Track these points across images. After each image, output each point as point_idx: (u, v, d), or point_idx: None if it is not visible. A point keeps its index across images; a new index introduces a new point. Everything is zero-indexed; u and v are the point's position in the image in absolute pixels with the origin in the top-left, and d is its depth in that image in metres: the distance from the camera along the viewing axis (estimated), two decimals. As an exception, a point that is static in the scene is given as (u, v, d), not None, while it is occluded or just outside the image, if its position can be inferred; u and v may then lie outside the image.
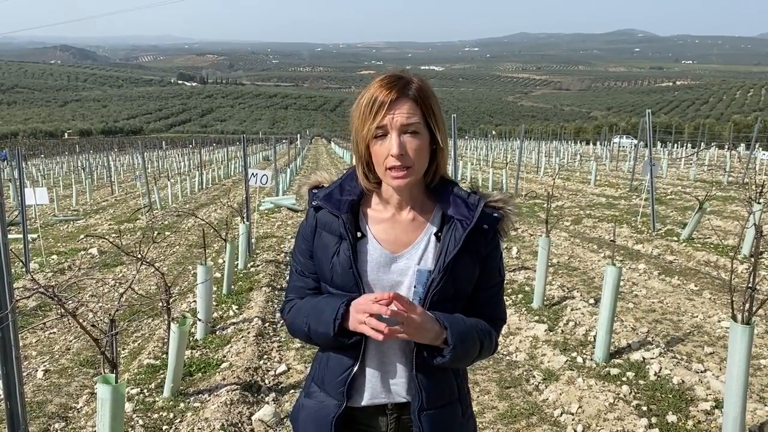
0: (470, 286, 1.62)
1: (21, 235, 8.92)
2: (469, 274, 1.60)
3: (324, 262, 1.63)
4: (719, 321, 5.93)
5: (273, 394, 4.54)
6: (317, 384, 1.68)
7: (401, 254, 1.60)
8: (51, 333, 6.20)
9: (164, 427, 3.98)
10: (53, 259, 9.63)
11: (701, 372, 4.65)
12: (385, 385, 1.62)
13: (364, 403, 1.63)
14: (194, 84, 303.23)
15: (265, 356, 5.27)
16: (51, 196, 15.98)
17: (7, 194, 22.15)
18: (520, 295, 6.84)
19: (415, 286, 1.56)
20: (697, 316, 6.13)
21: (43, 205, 14.69)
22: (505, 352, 5.35)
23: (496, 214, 1.61)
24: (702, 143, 42.83)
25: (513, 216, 1.65)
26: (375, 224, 1.63)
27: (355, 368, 1.60)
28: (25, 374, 5.10)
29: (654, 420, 3.92)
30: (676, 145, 48.71)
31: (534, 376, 4.78)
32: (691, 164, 25.37)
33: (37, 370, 5.18)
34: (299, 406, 1.73)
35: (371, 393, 1.62)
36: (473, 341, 1.57)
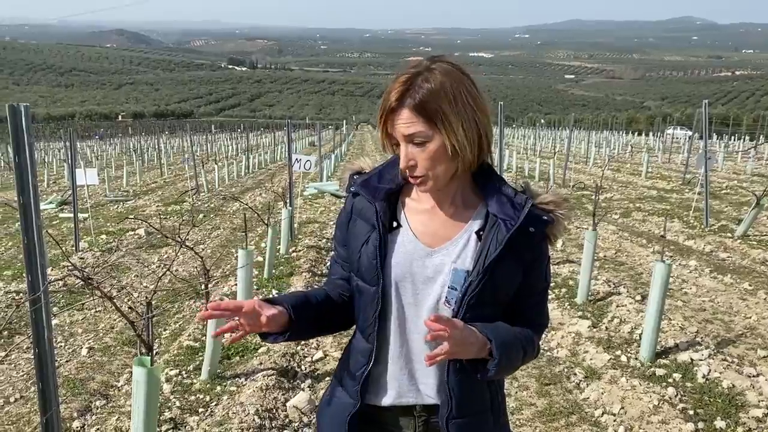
0: (510, 292, 1.51)
1: (72, 215, 9.17)
2: (511, 279, 1.49)
3: (354, 251, 1.56)
4: (774, 323, 5.66)
5: (309, 381, 4.53)
6: (339, 380, 1.64)
7: (438, 249, 1.51)
8: (96, 312, 6.35)
9: (200, 410, 4.01)
10: (102, 238, 9.87)
11: (753, 376, 4.43)
12: (413, 385, 1.55)
13: (390, 402, 1.56)
14: (244, 69, 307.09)
15: (303, 342, 5.27)
16: (102, 177, 16.40)
17: (61, 174, 22.90)
18: (563, 290, 6.67)
19: (450, 286, 1.47)
20: (750, 317, 5.87)
21: (94, 186, 15.06)
22: (546, 348, 5.21)
23: (545, 217, 1.49)
24: (761, 136, 41.11)
25: (565, 221, 1.52)
26: (413, 215, 1.55)
27: (369, 366, 1.54)
28: (70, 351, 5.24)
29: (701, 425, 3.76)
30: (733, 137, 46.91)
31: (575, 374, 4.64)
32: (748, 158, 24.38)
33: (81, 347, 5.30)
34: (324, 401, 1.69)
35: (397, 392, 1.55)
36: (517, 351, 1.48)
